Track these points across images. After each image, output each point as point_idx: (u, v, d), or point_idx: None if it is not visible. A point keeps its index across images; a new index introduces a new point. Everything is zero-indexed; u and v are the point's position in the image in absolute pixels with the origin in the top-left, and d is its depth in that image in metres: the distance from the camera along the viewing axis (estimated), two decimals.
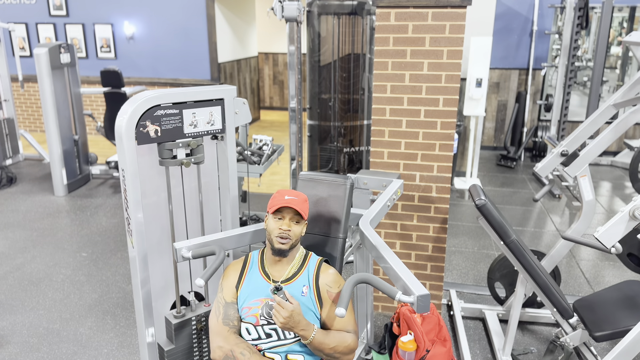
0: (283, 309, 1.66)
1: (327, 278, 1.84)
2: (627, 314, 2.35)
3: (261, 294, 1.82)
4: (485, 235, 4.36)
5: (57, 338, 2.96)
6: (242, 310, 1.84)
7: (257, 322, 1.80)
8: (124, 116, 1.94)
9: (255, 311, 1.80)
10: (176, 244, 1.97)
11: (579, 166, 2.71)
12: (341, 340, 1.77)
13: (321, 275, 1.84)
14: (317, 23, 4.16)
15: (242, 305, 1.84)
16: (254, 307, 1.81)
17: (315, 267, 1.86)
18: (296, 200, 1.81)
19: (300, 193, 1.88)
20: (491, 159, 6.79)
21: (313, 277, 1.83)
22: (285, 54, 9.81)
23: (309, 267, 1.86)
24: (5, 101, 5.80)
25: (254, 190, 5.41)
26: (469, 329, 3.04)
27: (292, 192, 1.86)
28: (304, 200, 1.85)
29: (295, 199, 1.81)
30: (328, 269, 1.87)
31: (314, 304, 1.81)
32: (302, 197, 1.86)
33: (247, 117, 2.35)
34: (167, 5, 7.18)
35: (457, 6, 2.61)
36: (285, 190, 1.87)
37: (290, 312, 1.66)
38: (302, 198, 1.85)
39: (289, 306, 1.67)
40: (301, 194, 1.88)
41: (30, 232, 4.39)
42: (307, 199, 1.89)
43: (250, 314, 1.81)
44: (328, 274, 1.85)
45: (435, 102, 2.76)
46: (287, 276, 1.84)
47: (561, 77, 5.65)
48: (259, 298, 1.81)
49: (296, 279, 1.84)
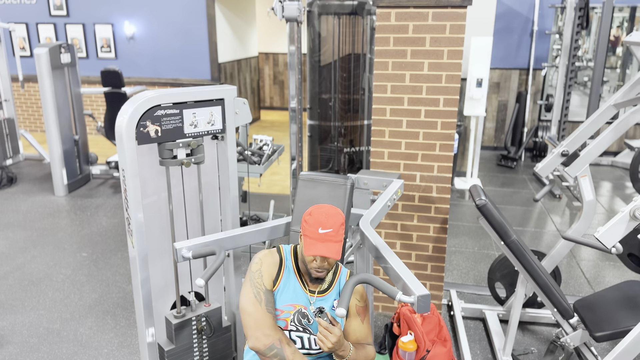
0: (331, 333, 1.62)
1: (356, 292, 1.83)
2: (627, 314, 2.35)
3: (296, 300, 1.78)
4: (485, 236, 4.36)
5: (57, 338, 2.96)
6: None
7: (286, 327, 1.77)
8: (124, 116, 1.94)
9: (287, 316, 1.77)
10: (176, 244, 1.97)
11: (579, 166, 2.70)
12: (366, 355, 1.79)
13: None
14: (318, 23, 4.16)
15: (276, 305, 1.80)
16: (286, 312, 1.77)
17: (347, 279, 1.84)
18: (332, 239, 1.66)
19: (337, 217, 1.69)
20: (491, 159, 6.79)
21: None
22: (285, 54, 9.80)
23: (340, 281, 1.85)
24: (5, 101, 5.80)
25: (254, 190, 5.41)
26: (469, 329, 3.04)
27: (328, 219, 1.68)
28: (340, 230, 1.68)
29: (331, 237, 1.66)
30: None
31: (343, 320, 1.80)
32: (338, 224, 1.68)
33: (248, 117, 2.35)
34: (167, 5, 7.18)
35: (457, 6, 2.61)
36: (321, 214, 1.69)
37: (338, 337, 1.63)
38: (338, 228, 1.68)
39: (337, 331, 1.63)
40: (338, 216, 1.70)
41: (30, 232, 4.39)
42: (344, 221, 1.72)
43: (281, 317, 1.77)
44: (356, 288, 1.82)
45: (436, 102, 2.76)
46: (322, 288, 1.81)
47: (561, 77, 5.64)
48: (293, 303, 1.78)
49: (329, 292, 1.82)
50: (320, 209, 1.72)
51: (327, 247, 1.65)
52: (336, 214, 1.71)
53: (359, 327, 1.81)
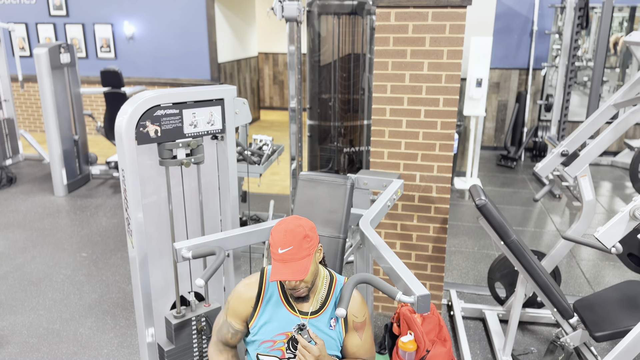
0: (309, 353, 1.57)
1: (354, 306, 1.71)
2: (627, 314, 2.35)
3: (286, 328, 1.69)
4: (485, 235, 4.36)
5: (57, 338, 2.96)
6: (264, 344, 1.72)
7: (283, 356, 1.71)
8: (124, 116, 1.94)
9: (281, 345, 1.70)
10: (176, 244, 1.97)
11: (579, 166, 2.70)
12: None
13: (350, 303, 1.70)
14: (317, 23, 4.16)
15: (264, 338, 1.71)
16: (279, 341, 1.70)
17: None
18: (294, 257, 1.54)
19: (296, 230, 1.56)
20: (491, 159, 6.79)
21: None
22: (285, 54, 9.80)
23: (335, 295, 1.72)
24: (5, 101, 5.80)
25: (254, 190, 5.40)
26: (469, 329, 3.04)
27: (286, 236, 1.55)
28: (303, 244, 1.55)
29: (293, 256, 1.54)
30: (355, 295, 1.73)
31: (341, 336, 1.72)
32: (298, 239, 1.54)
33: (247, 117, 2.35)
34: (167, 5, 7.17)
35: (457, 6, 2.61)
36: (279, 231, 1.57)
37: (316, 356, 1.57)
38: (299, 243, 1.54)
39: (315, 350, 1.57)
40: (298, 230, 1.56)
41: (30, 232, 4.39)
42: (307, 233, 1.57)
43: (275, 347, 1.71)
44: (354, 301, 1.71)
45: (436, 102, 2.76)
46: (315, 308, 1.70)
47: (561, 77, 5.64)
48: (284, 332, 1.70)
49: (324, 311, 1.70)
50: (280, 225, 1.59)
51: (288, 269, 1.53)
52: (296, 227, 1.56)
53: (356, 343, 1.73)
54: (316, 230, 1.64)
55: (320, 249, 1.68)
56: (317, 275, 1.67)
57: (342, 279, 1.77)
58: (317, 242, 1.63)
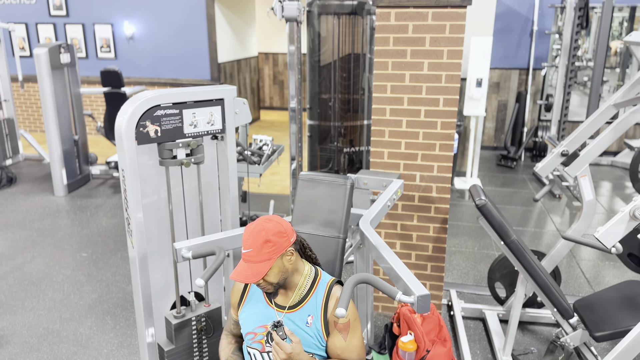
0: (281, 350, 1.57)
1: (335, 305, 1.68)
2: (627, 314, 2.35)
3: (266, 321, 1.73)
4: (485, 235, 4.36)
5: (57, 338, 2.96)
6: (248, 335, 1.76)
7: (262, 349, 1.73)
8: (124, 116, 1.94)
9: (261, 337, 1.73)
10: (176, 244, 1.97)
11: (579, 166, 2.70)
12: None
13: (330, 302, 1.69)
14: (317, 23, 4.16)
15: (247, 330, 1.76)
16: (259, 334, 1.73)
17: (325, 292, 1.70)
18: (252, 259, 1.59)
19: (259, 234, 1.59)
20: (491, 159, 6.79)
21: (322, 304, 1.69)
22: (285, 54, 9.80)
23: (318, 293, 1.71)
24: (5, 101, 5.80)
25: (254, 190, 5.41)
26: (469, 329, 3.04)
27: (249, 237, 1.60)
28: (263, 248, 1.58)
29: (251, 257, 1.59)
30: (337, 294, 1.70)
31: (320, 335, 1.69)
32: (258, 243, 1.58)
33: (247, 117, 2.35)
34: (167, 5, 7.17)
35: (457, 6, 2.61)
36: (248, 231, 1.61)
37: (288, 354, 1.57)
38: (259, 247, 1.58)
39: (287, 347, 1.57)
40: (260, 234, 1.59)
41: (30, 232, 4.39)
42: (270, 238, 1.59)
43: (256, 339, 1.74)
44: (336, 300, 1.69)
45: (436, 102, 2.76)
46: (291, 303, 1.71)
47: (561, 77, 5.64)
48: (264, 324, 1.73)
49: (302, 307, 1.70)
50: (251, 225, 1.63)
51: (245, 270, 1.58)
52: (259, 230, 1.59)
53: (339, 345, 1.69)
54: (287, 234, 1.63)
55: (291, 252, 1.64)
56: (287, 276, 1.67)
57: (328, 278, 1.76)
58: (285, 246, 1.62)
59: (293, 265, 1.68)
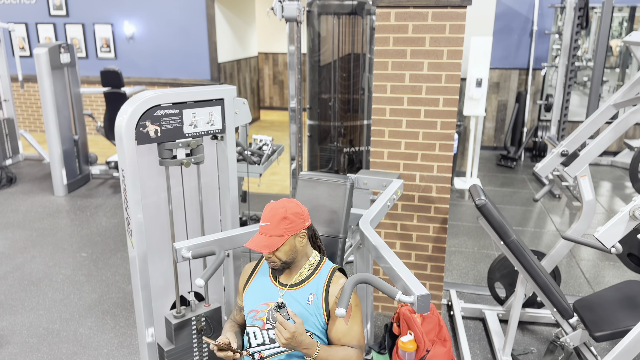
0: (285, 329, 1.60)
1: (337, 289, 1.74)
2: (627, 314, 2.35)
3: (268, 298, 1.79)
4: (485, 235, 4.36)
5: (57, 338, 2.96)
6: (250, 314, 1.81)
7: (263, 326, 1.77)
8: (124, 116, 1.94)
9: (262, 315, 1.77)
10: (176, 244, 1.97)
11: (579, 166, 2.70)
12: (345, 356, 1.72)
13: (332, 285, 1.75)
14: (317, 23, 4.16)
15: (249, 308, 1.82)
16: (261, 311, 1.78)
17: (328, 275, 1.78)
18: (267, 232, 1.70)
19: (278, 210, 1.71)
20: (491, 159, 6.79)
21: (323, 286, 1.76)
22: (285, 54, 9.80)
23: (321, 275, 1.78)
24: (5, 101, 5.80)
25: (254, 190, 5.41)
26: (469, 329, 3.04)
27: (269, 212, 1.72)
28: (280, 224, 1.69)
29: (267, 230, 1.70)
30: (339, 279, 1.78)
31: (320, 313, 1.74)
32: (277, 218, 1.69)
33: (247, 117, 2.35)
34: (167, 5, 7.17)
35: (457, 6, 2.61)
36: (268, 207, 1.74)
37: (292, 333, 1.60)
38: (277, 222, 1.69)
39: (291, 327, 1.60)
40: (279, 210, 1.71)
41: (30, 232, 4.39)
42: (288, 215, 1.70)
43: (257, 317, 1.79)
44: (338, 285, 1.75)
45: (435, 102, 2.76)
46: (295, 281, 1.78)
47: (561, 77, 5.64)
48: (266, 302, 1.78)
49: (304, 285, 1.77)
50: (272, 203, 1.75)
51: (260, 241, 1.69)
52: (280, 207, 1.71)
53: (341, 329, 1.74)
54: (304, 217, 1.75)
55: (304, 235, 1.75)
56: (296, 257, 1.77)
57: (332, 264, 1.84)
58: (300, 227, 1.73)
59: (303, 248, 1.77)
